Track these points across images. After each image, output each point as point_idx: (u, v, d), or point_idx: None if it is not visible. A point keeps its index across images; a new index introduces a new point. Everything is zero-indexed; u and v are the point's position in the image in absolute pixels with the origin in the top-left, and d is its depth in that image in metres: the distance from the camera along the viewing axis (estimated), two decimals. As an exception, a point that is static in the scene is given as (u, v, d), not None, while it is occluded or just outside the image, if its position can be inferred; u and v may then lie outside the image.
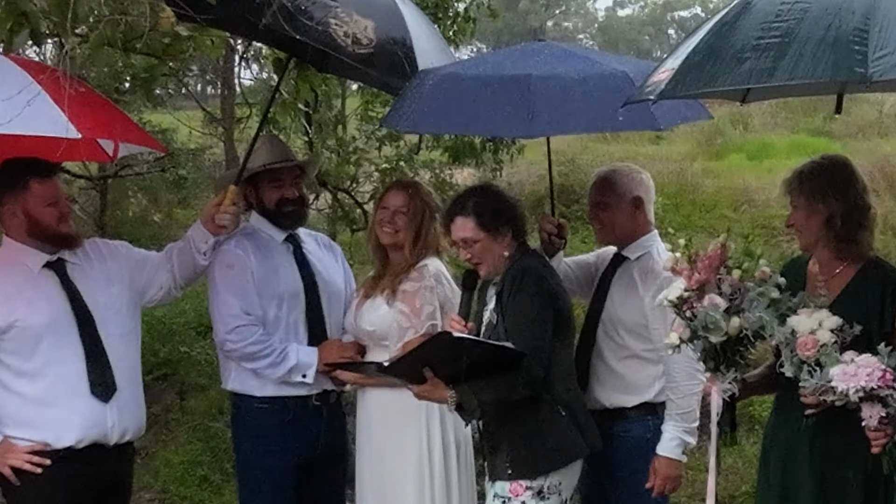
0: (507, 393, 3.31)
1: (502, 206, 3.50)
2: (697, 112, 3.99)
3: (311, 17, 3.51)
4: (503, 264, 3.47)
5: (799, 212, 3.19)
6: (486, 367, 3.30)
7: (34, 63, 3.74)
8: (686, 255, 3.09)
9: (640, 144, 14.58)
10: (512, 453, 3.39)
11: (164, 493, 6.34)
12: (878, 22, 2.38)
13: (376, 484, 3.84)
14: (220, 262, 3.90)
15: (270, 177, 3.97)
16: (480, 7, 7.90)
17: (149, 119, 10.20)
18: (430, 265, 3.82)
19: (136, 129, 3.98)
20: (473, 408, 3.32)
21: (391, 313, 3.78)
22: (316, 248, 4.14)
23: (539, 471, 3.37)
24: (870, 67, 2.32)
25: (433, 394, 3.38)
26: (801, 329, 2.93)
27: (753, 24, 2.58)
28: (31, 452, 3.50)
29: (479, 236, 3.45)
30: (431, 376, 3.33)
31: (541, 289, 3.37)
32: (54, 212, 3.57)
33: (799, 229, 3.22)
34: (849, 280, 3.15)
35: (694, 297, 3.05)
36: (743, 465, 6.04)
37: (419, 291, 3.76)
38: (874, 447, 2.87)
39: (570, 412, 3.40)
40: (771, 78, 2.47)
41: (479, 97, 3.61)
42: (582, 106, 3.57)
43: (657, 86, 2.79)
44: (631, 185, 3.82)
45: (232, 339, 3.86)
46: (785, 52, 2.44)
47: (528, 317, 3.34)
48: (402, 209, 3.83)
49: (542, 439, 3.37)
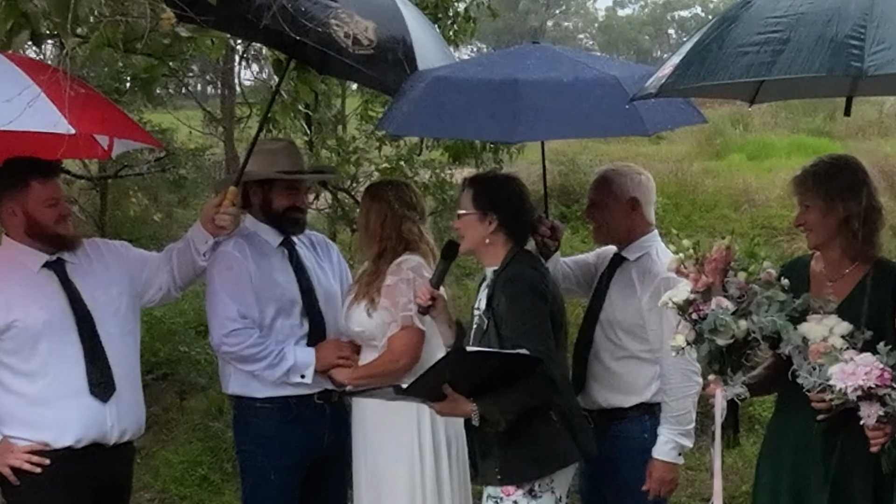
0: (528, 398, 3.29)
1: (498, 194, 3.49)
2: (690, 116, 3.95)
3: (312, 18, 3.51)
4: (486, 252, 3.46)
5: (813, 211, 3.18)
6: (501, 376, 3.28)
7: (33, 62, 3.73)
8: (693, 257, 3.09)
9: (640, 144, 14.58)
10: (501, 459, 3.36)
11: (163, 493, 6.34)
12: (875, 18, 2.42)
13: (371, 483, 3.85)
14: (218, 263, 3.90)
15: (287, 184, 3.98)
16: (480, 7, 7.89)
17: (149, 119, 10.19)
18: (409, 260, 3.83)
19: (131, 125, 3.96)
20: (497, 418, 3.28)
21: (377, 313, 3.80)
22: (310, 250, 4.15)
23: (528, 477, 3.34)
24: (866, 62, 2.35)
25: (456, 409, 3.34)
26: (812, 336, 2.93)
27: (754, 20, 2.61)
28: (31, 452, 3.50)
29: (469, 210, 3.46)
30: (451, 392, 3.29)
31: (535, 294, 3.36)
32: (53, 213, 3.57)
33: (811, 228, 3.20)
34: (859, 280, 3.15)
35: (700, 300, 3.05)
36: (743, 465, 6.04)
37: (397, 285, 3.78)
38: (872, 446, 2.88)
39: (563, 418, 3.37)
40: (769, 72, 2.51)
41: (467, 102, 3.61)
42: (569, 111, 3.57)
43: (659, 80, 2.82)
44: (628, 186, 3.82)
45: (229, 342, 3.86)
46: (783, 48, 2.48)
47: (531, 322, 3.32)
48: (363, 222, 3.93)
49: (533, 446, 3.33)
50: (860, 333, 2.93)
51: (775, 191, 11.16)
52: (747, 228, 10.58)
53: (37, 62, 3.81)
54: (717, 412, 3.11)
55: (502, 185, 3.54)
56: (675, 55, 2.90)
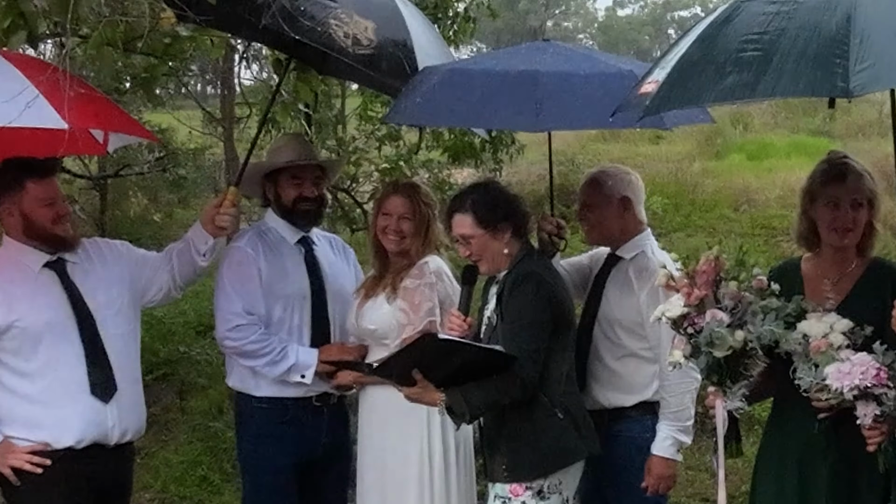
0: (498, 396, 3.30)
1: (500, 202, 3.47)
2: (700, 114, 4.00)
3: (312, 18, 3.51)
4: (505, 262, 3.46)
5: (864, 210, 3.13)
6: (478, 370, 3.29)
7: (30, 60, 3.71)
8: (684, 271, 3.07)
9: (639, 144, 14.60)
10: (508, 456, 3.38)
11: (163, 493, 6.34)
12: (857, 34, 2.36)
13: (378, 484, 3.84)
14: (229, 259, 3.92)
15: (291, 174, 3.98)
16: (480, 7, 7.90)
17: (149, 119, 10.20)
18: (430, 262, 3.82)
19: (125, 119, 3.92)
20: (463, 411, 3.29)
21: (391, 311, 3.79)
22: (328, 251, 4.15)
23: (535, 474, 3.36)
24: (851, 81, 2.30)
25: (423, 396, 3.35)
26: (813, 333, 2.92)
27: (735, 36, 2.57)
28: (32, 452, 3.49)
29: (477, 233, 3.44)
30: (420, 378, 3.30)
31: (539, 293, 3.35)
32: (49, 213, 3.56)
33: (857, 225, 3.13)
34: (858, 278, 3.15)
35: (694, 313, 3.04)
36: (743, 465, 6.02)
37: (419, 288, 3.76)
38: (869, 445, 2.88)
39: (567, 415, 3.38)
40: (753, 93, 2.47)
41: (487, 91, 3.60)
42: (590, 102, 3.57)
43: (644, 98, 2.78)
44: (619, 186, 3.83)
45: (232, 336, 3.87)
46: (766, 67, 2.43)
47: (524, 320, 3.32)
48: (406, 215, 3.83)
49: (537, 442, 3.35)
50: (860, 330, 2.93)
51: (775, 191, 11.17)
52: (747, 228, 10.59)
53: (34, 60, 3.79)
54: (719, 424, 3.11)
55: (492, 194, 3.51)
56: (656, 68, 2.85)
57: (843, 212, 3.13)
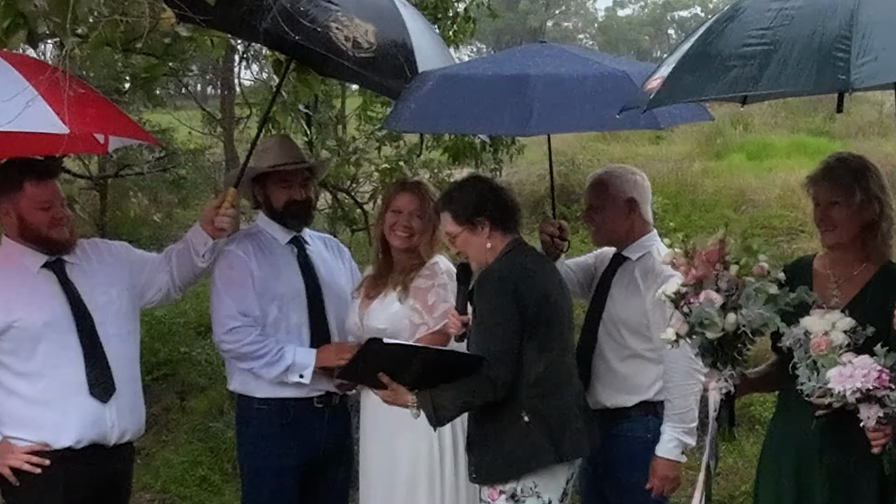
0: (470, 398, 3.27)
1: (474, 196, 3.43)
2: (699, 112, 3.99)
3: (312, 20, 3.50)
4: (490, 256, 3.42)
5: (843, 208, 3.13)
6: (455, 372, 3.26)
7: (30, 61, 3.71)
8: (683, 249, 3.08)
9: (639, 144, 14.57)
10: (476, 457, 3.37)
11: (163, 493, 6.34)
12: (860, 28, 2.38)
13: (385, 484, 3.81)
14: (221, 263, 3.92)
15: (279, 177, 3.98)
16: (480, 7, 7.90)
17: (149, 119, 10.20)
18: (440, 262, 3.82)
19: (126, 122, 3.92)
20: (430, 412, 3.25)
21: (403, 310, 3.78)
22: (322, 250, 4.15)
23: (502, 477, 3.32)
24: (852, 74, 2.32)
25: (396, 399, 3.32)
26: (814, 330, 2.92)
27: (740, 31, 2.59)
28: (31, 453, 3.49)
29: (457, 230, 3.42)
30: (388, 381, 3.27)
31: (502, 291, 3.29)
32: (46, 216, 3.55)
33: (836, 226, 3.15)
34: (867, 281, 3.13)
35: (691, 293, 3.03)
36: (743, 465, 6.04)
37: (433, 289, 3.76)
38: (874, 447, 2.87)
39: (537, 418, 3.29)
40: (756, 86, 2.49)
41: (478, 97, 3.61)
42: (582, 104, 3.57)
43: (649, 94, 2.80)
44: (625, 187, 3.82)
45: (228, 339, 3.87)
46: (769, 60, 2.46)
47: (488, 322, 3.29)
48: (416, 212, 3.82)
49: (500, 445, 3.31)
50: (862, 330, 2.92)
51: (775, 191, 11.15)
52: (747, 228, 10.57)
53: (34, 61, 3.79)
54: (711, 405, 3.11)
55: (467, 189, 3.49)
56: (662, 66, 2.88)
57: (820, 211, 3.18)
